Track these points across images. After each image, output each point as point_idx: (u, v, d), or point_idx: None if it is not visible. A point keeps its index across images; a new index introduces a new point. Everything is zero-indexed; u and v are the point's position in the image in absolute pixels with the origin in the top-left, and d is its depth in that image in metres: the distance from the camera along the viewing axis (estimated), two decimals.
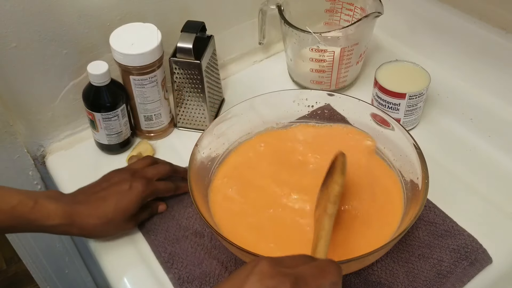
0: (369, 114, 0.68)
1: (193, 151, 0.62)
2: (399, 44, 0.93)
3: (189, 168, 0.60)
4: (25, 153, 0.78)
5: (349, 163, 0.67)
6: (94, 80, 0.69)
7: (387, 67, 0.78)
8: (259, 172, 0.67)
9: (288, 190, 0.64)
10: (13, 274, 1.51)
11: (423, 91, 0.74)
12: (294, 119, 0.72)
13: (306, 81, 0.86)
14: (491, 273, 0.61)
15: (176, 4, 0.78)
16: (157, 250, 0.63)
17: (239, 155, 0.69)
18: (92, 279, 1.06)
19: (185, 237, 0.64)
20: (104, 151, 0.77)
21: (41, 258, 0.92)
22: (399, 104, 0.75)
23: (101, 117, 0.72)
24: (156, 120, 0.77)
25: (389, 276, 0.59)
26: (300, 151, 0.69)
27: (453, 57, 0.85)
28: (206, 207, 0.61)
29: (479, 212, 0.67)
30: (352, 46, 0.80)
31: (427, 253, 0.61)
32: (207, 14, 0.81)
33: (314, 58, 0.81)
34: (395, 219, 0.60)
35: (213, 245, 0.63)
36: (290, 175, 0.66)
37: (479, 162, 0.74)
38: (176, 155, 0.75)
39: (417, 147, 0.62)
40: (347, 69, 0.83)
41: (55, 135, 0.80)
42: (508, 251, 0.63)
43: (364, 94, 0.80)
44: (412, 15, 0.89)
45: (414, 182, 0.61)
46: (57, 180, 0.76)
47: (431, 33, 0.87)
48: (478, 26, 0.78)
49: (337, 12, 0.88)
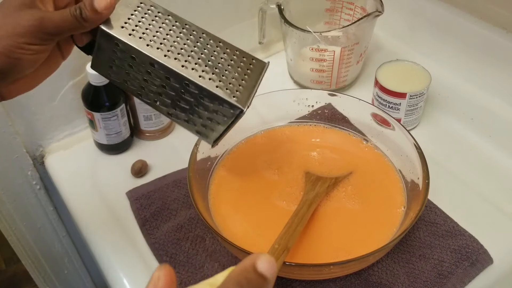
0: (370, 114, 0.68)
1: (193, 151, 0.62)
2: (399, 43, 0.93)
3: (189, 168, 0.60)
4: (24, 153, 0.78)
5: (349, 163, 0.67)
6: (93, 80, 0.69)
7: (388, 67, 0.78)
8: (259, 172, 0.66)
9: (290, 190, 0.64)
10: (12, 274, 1.51)
11: (424, 90, 0.74)
12: (294, 119, 0.72)
13: (306, 81, 0.86)
14: (492, 273, 0.61)
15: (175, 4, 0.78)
16: (158, 254, 0.63)
17: (239, 156, 0.69)
18: (91, 280, 1.06)
19: (186, 239, 0.64)
20: (103, 151, 0.77)
21: (40, 258, 0.92)
22: (400, 103, 0.75)
23: (100, 117, 0.72)
24: (155, 120, 0.76)
25: (389, 277, 0.59)
26: (300, 151, 0.69)
27: (454, 57, 0.84)
28: (206, 207, 0.61)
29: (480, 213, 0.67)
30: (352, 45, 0.80)
31: (428, 253, 0.61)
32: (207, 14, 0.81)
33: (314, 57, 0.81)
34: (395, 219, 0.60)
35: (214, 248, 0.63)
36: (292, 175, 0.66)
37: (480, 162, 0.74)
38: (176, 155, 0.75)
39: (418, 147, 0.61)
40: (347, 68, 0.83)
41: (54, 135, 0.79)
42: (509, 251, 0.63)
43: (365, 94, 0.79)
44: (413, 14, 0.89)
45: (414, 182, 0.61)
46: (56, 180, 0.76)
47: (432, 33, 0.86)
48: (479, 26, 0.78)
49: (337, 11, 0.87)
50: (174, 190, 0.69)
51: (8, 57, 0.44)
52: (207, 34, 0.50)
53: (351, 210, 0.62)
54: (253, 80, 0.50)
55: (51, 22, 0.44)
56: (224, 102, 0.48)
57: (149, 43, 0.47)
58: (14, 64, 0.44)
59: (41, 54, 0.46)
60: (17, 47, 0.44)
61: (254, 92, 0.50)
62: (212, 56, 0.49)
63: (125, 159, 0.75)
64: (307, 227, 0.59)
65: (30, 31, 0.44)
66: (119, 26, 0.47)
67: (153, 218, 0.66)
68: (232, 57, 0.50)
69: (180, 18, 0.50)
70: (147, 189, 0.70)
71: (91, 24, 0.46)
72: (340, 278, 0.59)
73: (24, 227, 0.86)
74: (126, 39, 0.47)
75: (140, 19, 0.48)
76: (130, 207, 0.69)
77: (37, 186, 0.83)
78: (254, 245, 0.56)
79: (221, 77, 0.49)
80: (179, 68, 0.47)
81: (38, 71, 0.48)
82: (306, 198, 0.60)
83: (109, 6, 0.46)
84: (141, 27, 0.48)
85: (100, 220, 0.68)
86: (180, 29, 0.49)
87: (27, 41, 0.44)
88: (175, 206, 0.67)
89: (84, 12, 0.45)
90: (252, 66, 0.51)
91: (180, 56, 0.48)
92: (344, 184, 0.65)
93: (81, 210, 0.70)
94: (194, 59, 0.48)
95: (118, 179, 0.73)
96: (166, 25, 0.49)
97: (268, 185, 0.65)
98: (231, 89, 0.48)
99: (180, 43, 0.48)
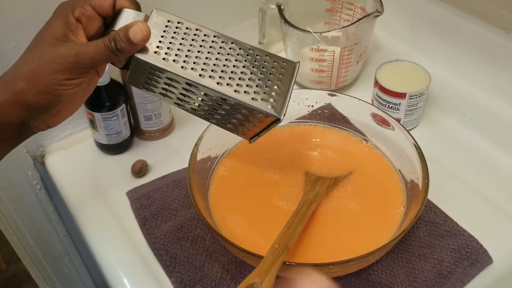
0: (370, 114, 0.68)
1: (193, 151, 0.62)
2: (399, 43, 0.93)
3: (189, 168, 0.60)
4: (25, 153, 0.78)
5: (349, 163, 0.67)
6: None
7: (388, 67, 0.78)
8: (259, 172, 0.66)
9: (290, 190, 0.64)
10: (12, 274, 1.51)
11: (424, 90, 0.74)
12: (294, 119, 0.72)
13: (306, 81, 0.86)
14: (491, 273, 0.61)
15: (175, 4, 0.78)
16: (158, 254, 0.63)
17: (239, 156, 0.69)
18: (91, 279, 1.06)
19: (186, 239, 0.64)
20: (103, 151, 0.77)
21: (40, 258, 0.92)
22: (400, 104, 0.75)
23: (100, 117, 0.72)
24: (156, 120, 0.77)
25: (389, 276, 0.59)
26: (300, 151, 0.69)
27: (453, 57, 0.84)
28: (206, 207, 0.61)
29: (480, 212, 0.67)
30: (352, 45, 0.80)
31: (428, 253, 0.61)
32: (207, 14, 0.81)
33: (314, 57, 0.81)
34: (395, 219, 0.60)
35: (214, 248, 0.63)
36: (292, 175, 0.66)
37: (480, 162, 0.74)
38: (176, 155, 0.75)
39: (418, 147, 0.62)
40: (347, 68, 0.83)
41: (55, 135, 0.79)
42: (509, 251, 0.63)
43: (364, 94, 0.79)
44: (413, 14, 0.89)
45: (414, 182, 0.61)
46: (57, 180, 0.76)
47: (432, 33, 0.86)
48: (478, 26, 0.78)
49: (337, 11, 0.87)
50: (174, 190, 0.69)
51: (50, 94, 0.45)
52: (235, 42, 0.50)
53: (351, 210, 0.62)
54: (286, 84, 0.50)
55: (86, 56, 0.45)
56: (261, 113, 0.49)
57: (183, 64, 0.48)
58: (55, 100, 0.46)
59: (81, 85, 0.47)
60: (58, 84, 0.45)
61: (289, 96, 0.50)
62: (244, 66, 0.49)
63: (125, 159, 0.75)
64: (307, 227, 0.59)
65: (68, 68, 0.44)
66: (152, 52, 0.47)
67: (153, 218, 0.66)
68: (263, 64, 0.50)
69: (208, 30, 0.50)
70: (147, 189, 0.70)
71: (126, 54, 0.46)
72: (340, 278, 0.59)
73: (24, 226, 0.86)
74: (161, 65, 0.47)
75: (170, 40, 0.48)
76: (130, 207, 0.69)
77: (38, 186, 0.83)
78: (254, 245, 0.56)
79: (256, 87, 0.49)
80: (215, 86, 0.48)
81: (78, 95, 0.49)
82: (306, 198, 0.60)
83: (145, 39, 0.46)
84: (173, 48, 0.48)
85: (100, 220, 0.68)
86: (210, 42, 0.49)
87: (66, 77, 0.45)
88: (175, 206, 0.67)
89: (120, 44, 0.45)
90: (284, 70, 0.51)
91: (214, 74, 0.48)
92: (344, 184, 0.65)
93: (81, 209, 0.70)
94: (227, 74, 0.49)
95: (118, 179, 0.73)
96: (196, 41, 0.49)
97: (268, 185, 0.65)
98: (266, 99, 0.49)
99: (212, 59, 0.49)
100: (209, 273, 0.60)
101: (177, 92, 0.50)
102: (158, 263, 0.62)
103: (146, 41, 0.46)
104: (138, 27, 0.45)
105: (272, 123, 0.50)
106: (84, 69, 0.45)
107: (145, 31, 0.46)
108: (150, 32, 0.46)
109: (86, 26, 0.47)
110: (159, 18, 0.49)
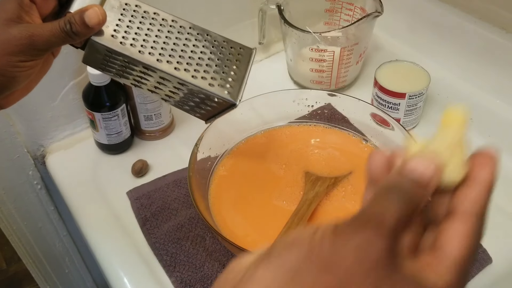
0: (369, 114, 0.68)
1: (193, 151, 0.62)
2: (399, 44, 0.93)
3: (189, 168, 0.60)
4: (25, 153, 0.78)
5: (349, 163, 0.68)
6: (94, 80, 0.69)
7: (387, 67, 0.78)
8: (259, 172, 0.67)
9: (290, 190, 0.64)
10: (13, 273, 1.51)
11: (423, 91, 0.74)
12: (294, 119, 0.72)
13: (306, 81, 0.86)
14: (491, 273, 0.61)
15: (175, 4, 0.78)
16: (158, 253, 0.63)
17: (239, 156, 0.69)
18: (92, 279, 1.06)
19: (186, 238, 0.64)
20: (104, 151, 0.77)
21: (41, 257, 0.92)
22: (399, 104, 0.75)
23: (101, 117, 0.72)
24: (156, 120, 0.77)
25: None
26: (300, 151, 0.69)
27: (453, 57, 0.85)
28: (206, 207, 0.61)
29: None
30: (352, 46, 0.80)
31: None
32: (206, 14, 0.81)
33: (314, 58, 0.81)
34: None
35: (215, 248, 0.63)
36: (292, 175, 0.66)
37: None
38: (176, 155, 0.75)
39: None
40: (347, 69, 0.83)
41: (55, 135, 0.79)
42: (508, 251, 0.63)
43: (364, 94, 0.80)
44: (412, 14, 0.89)
45: None
46: (57, 180, 0.76)
47: (431, 33, 0.87)
48: (478, 26, 0.78)
49: (337, 12, 0.88)
50: (175, 190, 0.69)
51: (3, 76, 0.44)
52: (194, 27, 0.51)
53: (350, 209, 0.62)
54: (242, 70, 0.52)
55: (41, 38, 0.44)
56: (217, 98, 0.50)
57: (141, 49, 0.48)
58: (9, 81, 0.45)
59: (35, 67, 0.46)
60: (12, 66, 0.44)
61: (246, 82, 0.52)
62: (202, 52, 0.50)
63: (126, 159, 0.76)
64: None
65: (22, 50, 0.44)
66: (109, 35, 0.47)
67: (153, 218, 0.66)
68: (221, 50, 0.51)
69: (165, 14, 0.50)
70: (148, 189, 0.70)
71: (81, 37, 0.46)
72: None
73: (25, 226, 0.86)
74: (118, 48, 0.47)
75: (128, 23, 0.48)
76: (130, 206, 0.69)
77: (38, 185, 0.83)
78: (254, 244, 0.56)
79: (213, 73, 0.50)
80: (173, 71, 0.49)
81: (33, 77, 0.48)
82: (306, 198, 0.61)
83: (101, 23, 0.46)
84: (130, 32, 0.48)
85: (101, 220, 0.68)
86: (168, 27, 0.50)
87: (20, 59, 0.44)
88: (175, 206, 0.68)
89: (75, 27, 0.45)
90: (240, 56, 0.52)
91: (171, 59, 0.49)
92: (343, 184, 0.65)
93: (82, 209, 0.70)
94: (185, 59, 0.49)
95: (118, 179, 0.73)
96: (154, 25, 0.50)
97: (268, 184, 0.65)
98: (223, 85, 0.50)
99: (170, 44, 0.49)
100: (209, 273, 0.60)
101: (134, 74, 0.50)
102: (158, 262, 0.63)
103: (102, 25, 0.46)
104: (93, 10, 0.45)
105: (228, 107, 0.51)
106: (39, 51, 0.45)
107: (101, 15, 0.46)
108: (106, 16, 0.46)
109: (41, 6, 0.46)
110: (116, 0, 0.49)
